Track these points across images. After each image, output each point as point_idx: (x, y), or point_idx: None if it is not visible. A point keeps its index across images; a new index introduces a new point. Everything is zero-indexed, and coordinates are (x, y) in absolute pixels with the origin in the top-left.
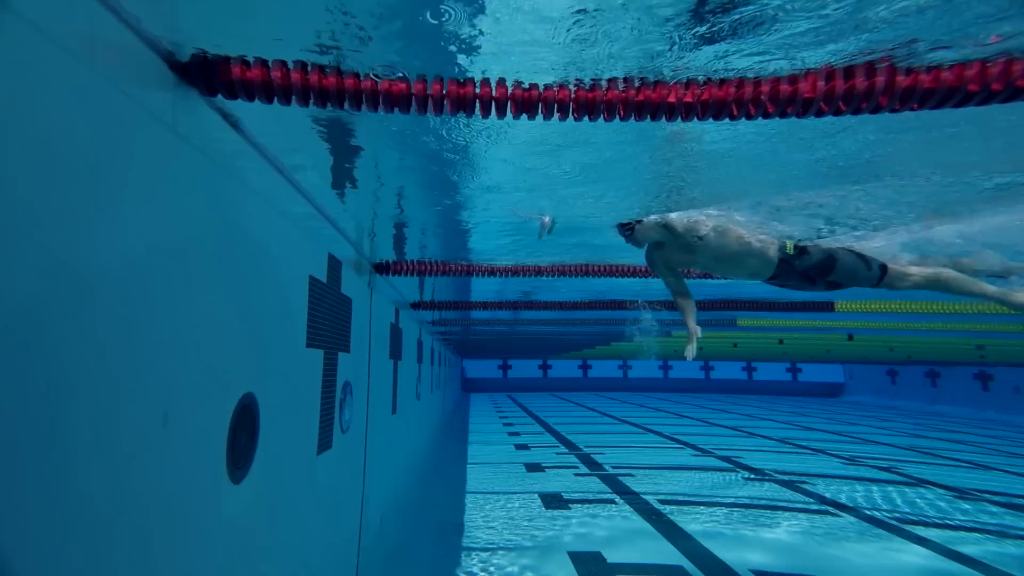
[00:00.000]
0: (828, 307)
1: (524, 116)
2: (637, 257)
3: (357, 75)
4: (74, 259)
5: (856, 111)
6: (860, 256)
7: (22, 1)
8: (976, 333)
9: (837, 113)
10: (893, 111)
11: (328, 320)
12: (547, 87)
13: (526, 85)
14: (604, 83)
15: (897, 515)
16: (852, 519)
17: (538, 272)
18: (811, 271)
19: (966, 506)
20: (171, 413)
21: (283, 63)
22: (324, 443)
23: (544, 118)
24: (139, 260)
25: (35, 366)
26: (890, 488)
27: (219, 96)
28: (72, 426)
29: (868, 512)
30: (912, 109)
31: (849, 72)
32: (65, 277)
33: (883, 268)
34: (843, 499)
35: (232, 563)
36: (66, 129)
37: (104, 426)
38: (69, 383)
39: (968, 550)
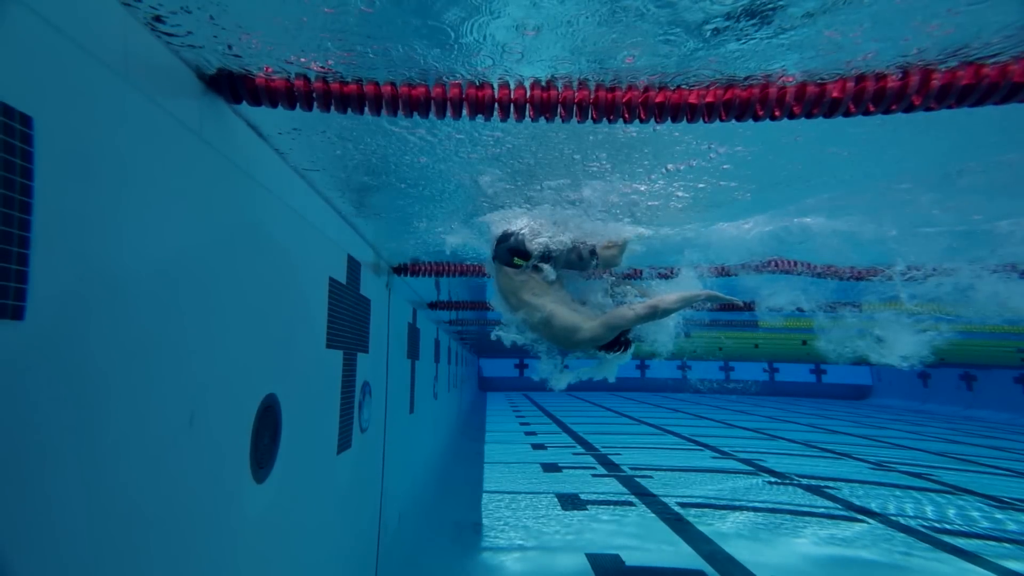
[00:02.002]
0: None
1: (543, 119)
2: (654, 257)
3: (376, 81)
4: (105, 262)
5: (887, 111)
6: (574, 250)
7: (64, 18)
8: (1017, 335)
9: (866, 113)
10: (928, 110)
11: (347, 321)
12: (566, 88)
13: (544, 86)
14: (623, 85)
15: (929, 523)
16: (880, 526)
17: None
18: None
19: (1003, 516)
20: (197, 414)
21: (304, 71)
22: (344, 443)
23: (563, 120)
24: (166, 264)
25: (71, 367)
26: (921, 495)
27: (243, 103)
28: (104, 426)
29: (897, 519)
30: (950, 107)
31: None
32: (98, 280)
33: (593, 253)
34: (870, 505)
35: (255, 560)
36: (100, 138)
37: (133, 427)
38: (102, 384)
39: (1006, 563)
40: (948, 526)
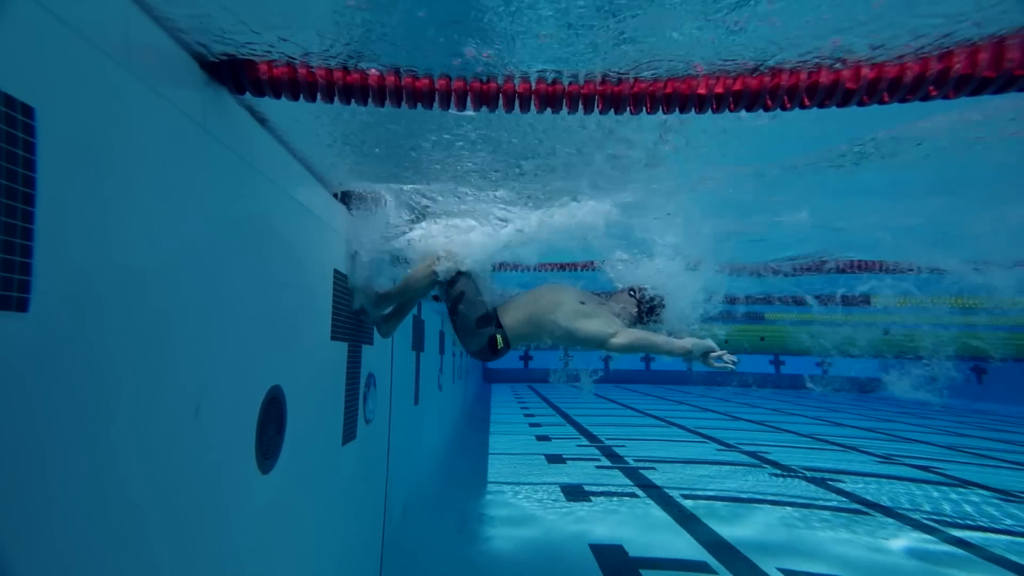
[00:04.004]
0: (864, 301)
1: (548, 110)
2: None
3: (380, 72)
4: (110, 254)
5: (903, 100)
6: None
7: (66, 7)
8: None
9: (882, 103)
10: (946, 98)
11: (352, 313)
12: (572, 81)
13: (550, 80)
14: (631, 76)
15: (936, 517)
16: (886, 519)
17: (561, 268)
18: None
19: (1013, 509)
20: (203, 406)
21: (308, 62)
22: (349, 434)
23: (568, 112)
24: (171, 256)
25: (76, 359)
26: (929, 488)
27: (247, 94)
28: (110, 418)
29: (904, 513)
30: (971, 95)
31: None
32: (102, 271)
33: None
34: (877, 498)
35: (261, 551)
36: (103, 129)
37: (139, 418)
38: (108, 375)
39: (1013, 556)
40: (955, 519)
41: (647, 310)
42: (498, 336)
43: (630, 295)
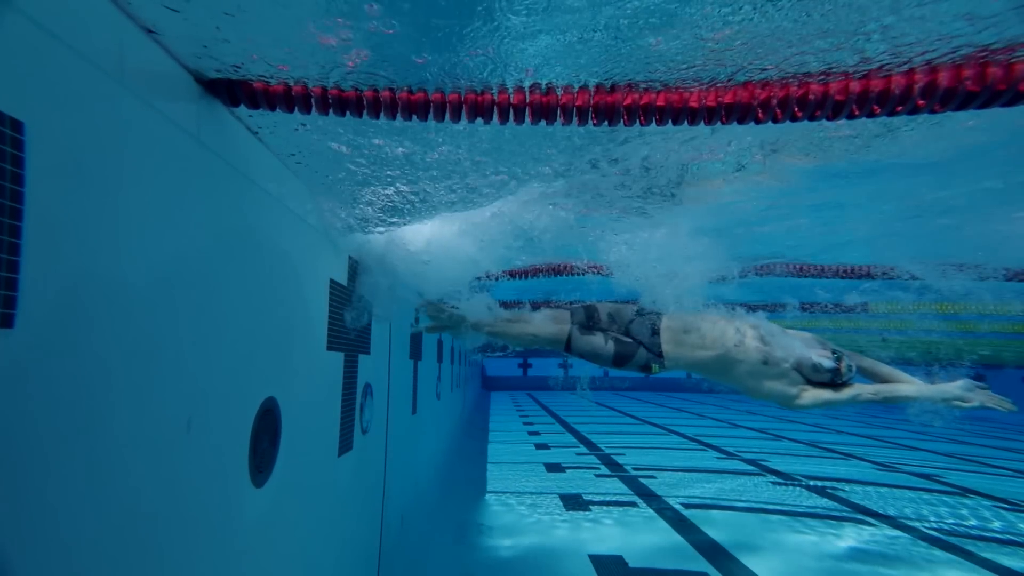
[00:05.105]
0: (862, 307)
1: (543, 121)
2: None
3: (375, 85)
4: (100, 268)
5: (891, 114)
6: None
7: (58, 23)
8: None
9: (871, 116)
10: (932, 112)
11: (355, 325)
12: (565, 92)
13: (543, 90)
14: (623, 87)
15: (938, 526)
16: (887, 528)
17: (557, 272)
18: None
19: (1013, 517)
20: (194, 419)
21: (305, 83)
22: (345, 445)
23: (563, 123)
24: (163, 268)
25: (64, 375)
26: (930, 497)
27: (242, 106)
28: (100, 434)
29: (904, 521)
30: (956, 109)
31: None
32: (92, 285)
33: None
34: (877, 507)
35: (255, 566)
36: (95, 143)
37: (130, 434)
38: (97, 391)
39: (1016, 564)
40: (955, 528)
41: (836, 380)
42: (654, 366)
43: (823, 360)
